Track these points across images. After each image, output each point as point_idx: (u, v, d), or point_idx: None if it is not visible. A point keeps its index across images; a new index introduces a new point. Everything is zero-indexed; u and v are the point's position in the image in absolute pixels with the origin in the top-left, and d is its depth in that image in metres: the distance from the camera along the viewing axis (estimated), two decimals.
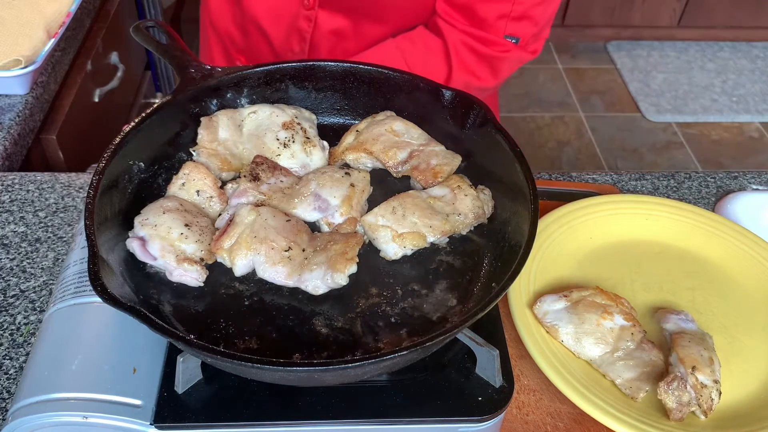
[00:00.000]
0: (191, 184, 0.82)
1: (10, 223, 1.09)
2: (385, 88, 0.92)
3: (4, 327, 0.93)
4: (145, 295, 0.74)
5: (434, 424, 0.72)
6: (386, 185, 0.88)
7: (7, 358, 0.90)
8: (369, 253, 0.80)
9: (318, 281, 0.73)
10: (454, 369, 0.76)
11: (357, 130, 0.90)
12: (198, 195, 0.81)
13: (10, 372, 0.88)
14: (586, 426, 0.83)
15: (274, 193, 0.82)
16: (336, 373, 0.66)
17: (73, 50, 1.64)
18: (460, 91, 0.88)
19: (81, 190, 1.15)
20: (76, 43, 1.66)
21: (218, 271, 0.77)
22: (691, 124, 3.40)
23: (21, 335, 0.92)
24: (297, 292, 0.75)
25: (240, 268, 0.75)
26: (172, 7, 2.61)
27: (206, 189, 0.82)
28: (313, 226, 0.81)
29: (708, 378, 0.81)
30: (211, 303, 0.75)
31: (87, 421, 0.69)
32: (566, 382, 0.82)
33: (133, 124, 0.80)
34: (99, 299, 0.62)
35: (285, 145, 0.87)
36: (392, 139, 0.88)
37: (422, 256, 0.80)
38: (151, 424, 0.70)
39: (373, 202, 0.84)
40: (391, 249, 0.79)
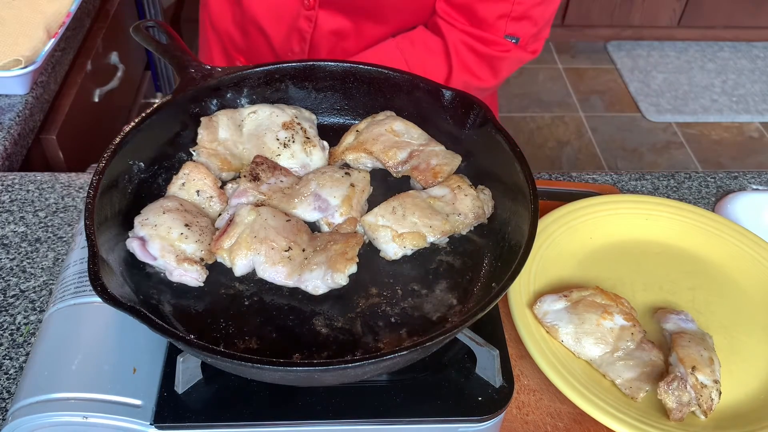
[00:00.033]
0: (191, 184, 0.82)
1: (10, 223, 1.09)
2: (385, 88, 0.92)
3: (4, 327, 0.93)
4: (145, 295, 0.74)
5: (434, 424, 0.72)
6: (386, 185, 0.88)
7: (7, 358, 0.90)
8: (369, 253, 0.80)
9: (318, 281, 0.73)
10: (454, 369, 0.76)
11: (357, 130, 0.90)
12: (198, 195, 0.81)
13: (10, 372, 0.88)
14: (586, 426, 0.83)
15: (274, 193, 0.82)
16: (336, 373, 0.66)
17: (73, 50, 1.64)
18: (460, 91, 0.88)
19: (81, 190, 1.15)
20: (76, 43, 1.66)
21: (218, 271, 0.77)
22: (691, 124, 3.40)
23: (21, 335, 0.92)
24: (297, 292, 0.75)
25: (240, 268, 0.75)
26: (172, 7, 2.61)
27: (206, 189, 0.82)
28: (313, 226, 0.81)
29: (708, 378, 0.81)
30: (211, 303, 0.75)
31: (87, 421, 0.69)
32: (566, 382, 0.82)
33: (133, 124, 0.80)
34: (99, 299, 0.62)
35: (285, 145, 0.87)
36: (392, 139, 0.88)
37: (422, 256, 0.80)
38: (151, 424, 0.70)
39: (373, 202, 0.84)
40: (391, 249, 0.79)
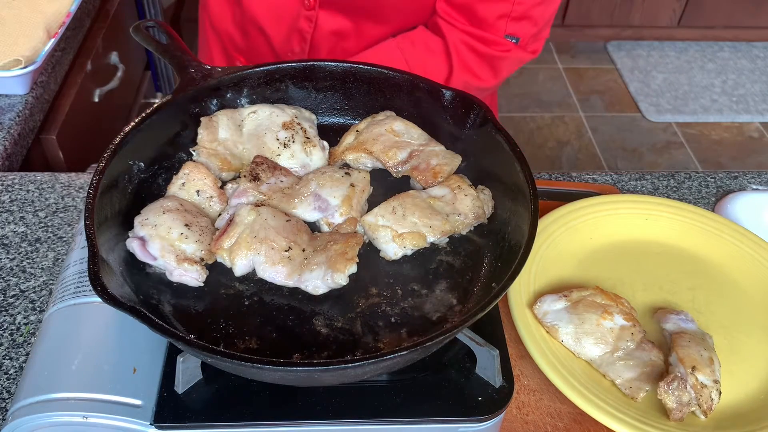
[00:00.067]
0: (191, 184, 0.82)
1: (10, 223, 1.09)
2: (385, 88, 0.92)
3: (4, 327, 0.93)
4: (145, 295, 0.74)
5: (434, 424, 0.72)
6: (386, 185, 0.88)
7: (7, 358, 0.90)
8: (369, 253, 0.80)
9: (318, 281, 0.73)
10: (454, 369, 0.76)
11: (357, 130, 0.90)
12: (198, 195, 0.81)
13: (10, 372, 0.88)
14: (586, 426, 0.83)
15: (274, 193, 0.82)
16: (336, 373, 0.66)
17: (73, 50, 1.64)
18: (460, 91, 0.88)
19: (81, 190, 1.15)
20: (76, 43, 1.66)
21: (218, 271, 0.77)
22: (691, 124, 3.40)
23: (21, 335, 0.92)
24: (297, 292, 0.75)
25: (240, 268, 0.75)
26: (172, 7, 2.61)
27: (206, 189, 0.82)
28: (313, 226, 0.81)
29: (708, 378, 0.81)
30: (211, 303, 0.75)
31: (87, 421, 0.69)
32: (566, 382, 0.82)
33: (133, 124, 0.80)
34: (99, 299, 0.62)
35: (285, 145, 0.87)
36: (392, 139, 0.88)
37: (422, 256, 0.80)
38: (151, 424, 0.70)
39: (373, 202, 0.84)
40: (391, 249, 0.79)
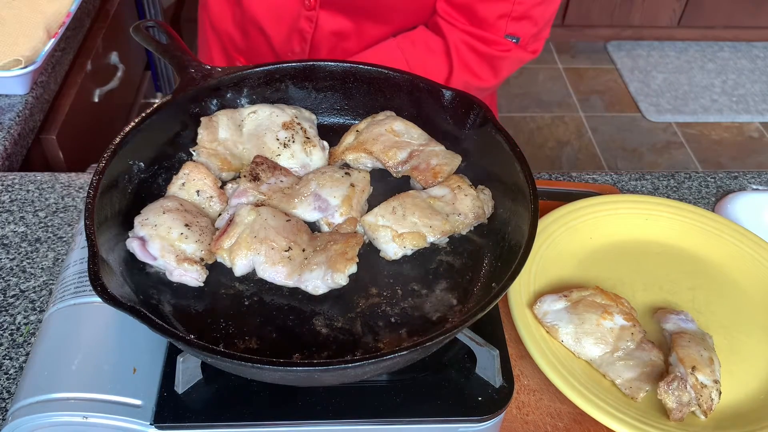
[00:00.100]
0: (191, 184, 0.82)
1: (10, 223, 1.09)
2: (385, 88, 0.92)
3: (4, 327, 0.93)
4: (145, 295, 0.74)
5: (434, 424, 0.72)
6: (386, 185, 0.88)
7: (7, 358, 0.90)
8: (369, 253, 0.80)
9: (318, 281, 0.73)
10: (454, 369, 0.76)
11: (357, 130, 0.90)
12: (198, 195, 0.81)
13: (10, 372, 0.88)
14: (586, 426, 0.83)
15: (274, 193, 0.82)
16: (336, 373, 0.66)
17: (73, 50, 1.64)
18: (460, 91, 0.88)
19: (81, 190, 1.15)
20: (76, 43, 1.66)
21: (218, 271, 0.77)
22: (691, 124, 3.40)
23: (21, 335, 0.92)
24: (297, 292, 0.75)
25: (240, 268, 0.75)
26: (172, 7, 2.61)
27: (206, 189, 0.82)
28: (313, 226, 0.81)
29: (708, 378, 0.81)
30: (211, 303, 0.75)
31: (87, 421, 0.69)
32: (566, 382, 0.82)
33: (133, 124, 0.80)
34: (99, 299, 0.62)
35: (285, 145, 0.87)
36: (392, 139, 0.88)
37: (422, 256, 0.80)
38: (151, 424, 0.70)
39: (373, 202, 0.84)
40: (391, 249, 0.79)
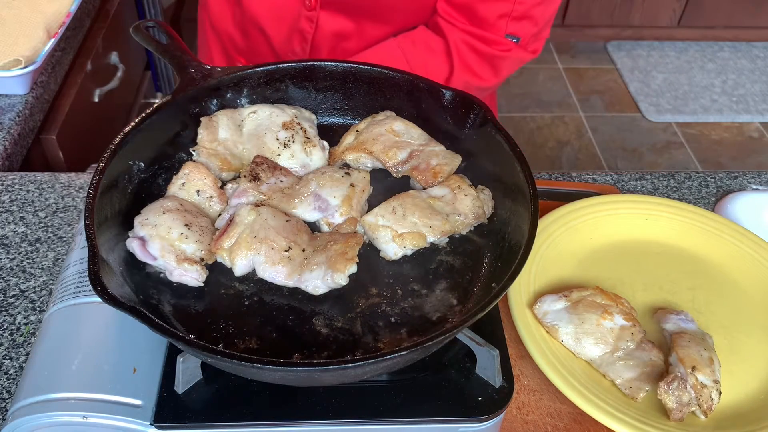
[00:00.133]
0: (191, 184, 0.82)
1: (10, 223, 1.09)
2: (385, 88, 0.92)
3: (4, 327, 0.93)
4: (145, 295, 0.74)
5: (434, 424, 0.72)
6: (386, 185, 0.88)
7: (7, 358, 0.90)
8: (369, 253, 0.80)
9: (318, 281, 0.73)
10: (454, 369, 0.76)
11: (357, 130, 0.90)
12: (198, 195, 0.81)
13: (10, 372, 0.88)
14: (586, 426, 0.83)
15: (274, 193, 0.82)
16: (336, 373, 0.66)
17: (73, 50, 1.64)
18: (460, 91, 0.88)
19: (81, 190, 1.15)
20: (76, 43, 1.66)
21: (218, 271, 0.77)
22: (691, 124, 3.40)
23: (21, 335, 0.92)
24: (297, 292, 0.75)
25: (240, 268, 0.75)
26: (172, 7, 2.61)
27: (206, 189, 0.82)
28: (313, 226, 0.81)
29: (708, 378, 0.81)
30: (211, 303, 0.75)
31: (87, 421, 0.69)
32: (566, 382, 0.82)
33: (133, 124, 0.80)
34: (99, 299, 0.62)
35: (285, 145, 0.87)
36: (392, 139, 0.88)
37: (422, 256, 0.80)
38: (151, 424, 0.70)
39: (373, 202, 0.84)
40: (391, 249, 0.79)
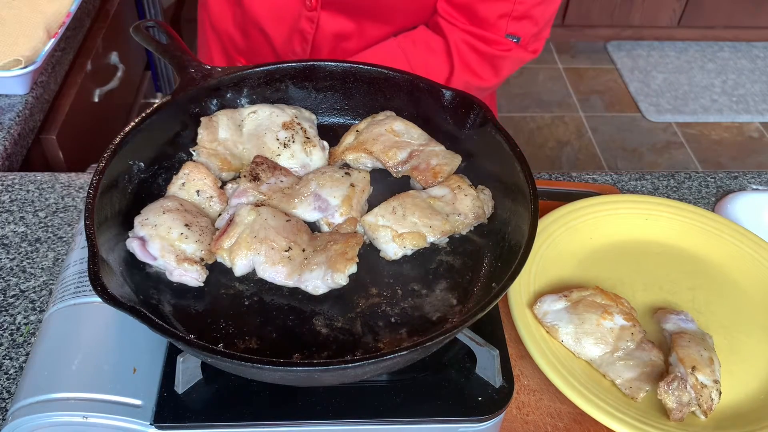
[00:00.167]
0: (191, 184, 0.82)
1: (10, 223, 1.09)
2: (385, 88, 0.92)
3: (4, 327, 0.93)
4: (145, 295, 0.74)
5: (434, 424, 0.72)
6: (386, 185, 0.88)
7: (7, 358, 0.90)
8: (369, 253, 0.80)
9: (318, 281, 0.73)
10: (454, 369, 0.76)
11: (357, 130, 0.90)
12: (198, 195, 0.81)
13: (10, 372, 0.88)
14: (586, 426, 0.83)
15: (274, 193, 0.82)
16: (336, 373, 0.66)
17: (73, 50, 1.64)
18: (460, 91, 0.88)
19: (81, 190, 1.15)
20: (76, 43, 1.66)
21: (218, 271, 0.77)
22: (691, 124, 3.40)
23: (21, 335, 0.92)
24: (297, 292, 0.75)
25: (240, 268, 0.75)
26: (172, 7, 2.61)
27: (206, 189, 0.82)
28: (313, 226, 0.81)
29: (708, 378, 0.81)
30: (211, 303, 0.75)
31: (87, 421, 0.69)
32: (566, 382, 0.82)
33: (133, 124, 0.80)
34: (99, 299, 0.62)
35: (285, 145, 0.87)
36: (392, 139, 0.88)
37: (422, 256, 0.80)
38: (151, 424, 0.70)
39: (373, 202, 0.84)
40: (391, 249, 0.79)
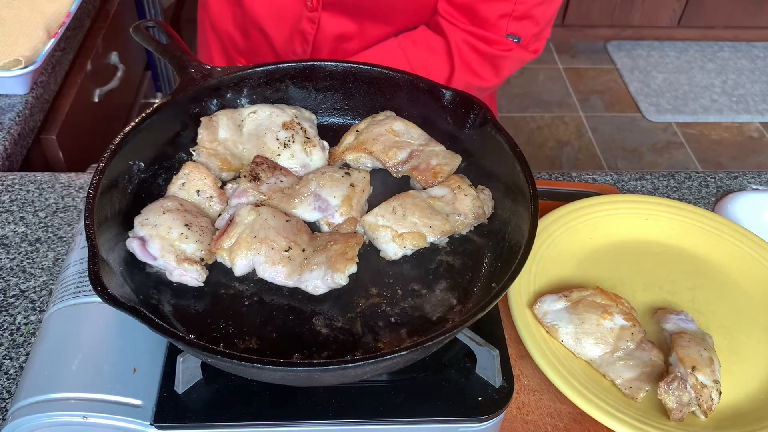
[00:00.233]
0: (191, 184, 0.82)
1: (10, 223, 1.09)
2: (385, 88, 0.92)
3: (4, 327, 0.93)
4: (145, 295, 0.74)
5: (434, 424, 0.72)
6: (386, 185, 0.88)
7: (7, 358, 0.90)
8: (369, 253, 0.80)
9: (318, 281, 0.73)
10: (454, 369, 0.76)
11: (357, 130, 0.90)
12: (198, 195, 0.81)
13: (10, 372, 0.88)
14: (586, 426, 0.83)
15: (274, 193, 0.82)
16: (336, 373, 0.66)
17: (73, 50, 1.64)
18: (460, 91, 0.88)
19: (81, 190, 1.15)
20: (76, 43, 1.66)
21: (218, 271, 0.77)
22: (691, 124, 3.40)
23: (21, 335, 0.92)
24: (297, 292, 0.75)
25: (240, 268, 0.75)
26: (172, 7, 2.61)
27: (206, 189, 0.82)
28: (313, 226, 0.81)
29: (708, 378, 0.81)
30: (211, 303, 0.75)
31: (87, 421, 0.69)
32: (566, 382, 0.82)
33: (133, 124, 0.80)
34: (99, 299, 0.62)
35: (285, 145, 0.87)
36: (392, 139, 0.88)
37: (422, 256, 0.80)
38: (151, 424, 0.70)
39: (373, 202, 0.84)
40: (391, 249, 0.79)
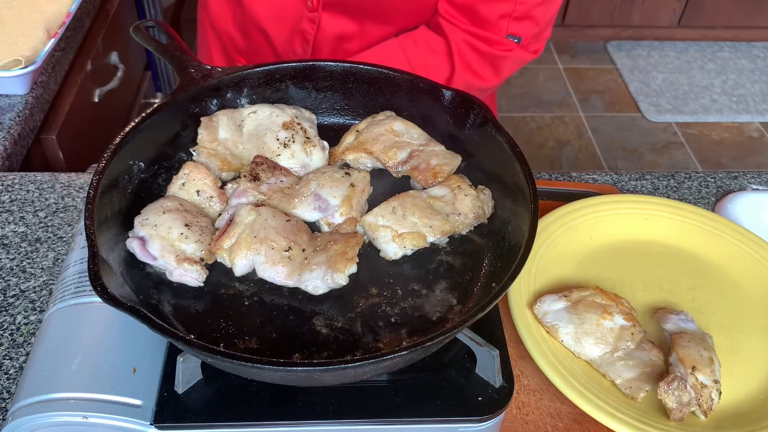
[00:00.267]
0: (191, 184, 0.82)
1: (10, 223, 1.09)
2: (385, 88, 0.92)
3: (4, 327, 0.93)
4: (145, 295, 0.74)
5: (434, 424, 0.72)
6: (386, 185, 0.88)
7: (7, 358, 0.90)
8: (369, 253, 0.80)
9: (318, 281, 0.73)
10: (454, 369, 0.76)
11: (357, 130, 0.90)
12: (198, 195, 0.81)
13: (10, 372, 0.88)
14: (586, 426, 0.83)
15: (274, 193, 0.82)
16: (336, 373, 0.66)
17: (73, 50, 1.64)
18: (460, 91, 0.88)
19: (81, 190, 1.15)
20: (76, 43, 1.66)
21: (218, 271, 0.77)
22: (691, 124, 3.40)
23: (21, 335, 0.92)
24: (297, 292, 0.75)
25: (240, 268, 0.75)
26: (172, 7, 2.61)
27: (206, 189, 0.82)
28: (313, 226, 0.81)
29: (708, 378, 0.81)
30: (211, 303, 0.75)
31: (87, 421, 0.69)
32: (566, 382, 0.82)
33: (133, 124, 0.80)
34: (99, 299, 0.62)
35: (285, 145, 0.87)
36: (392, 139, 0.88)
37: (422, 256, 0.80)
38: (151, 424, 0.70)
39: (373, 202, 0.84)
40: (391, 249, 0.79)
